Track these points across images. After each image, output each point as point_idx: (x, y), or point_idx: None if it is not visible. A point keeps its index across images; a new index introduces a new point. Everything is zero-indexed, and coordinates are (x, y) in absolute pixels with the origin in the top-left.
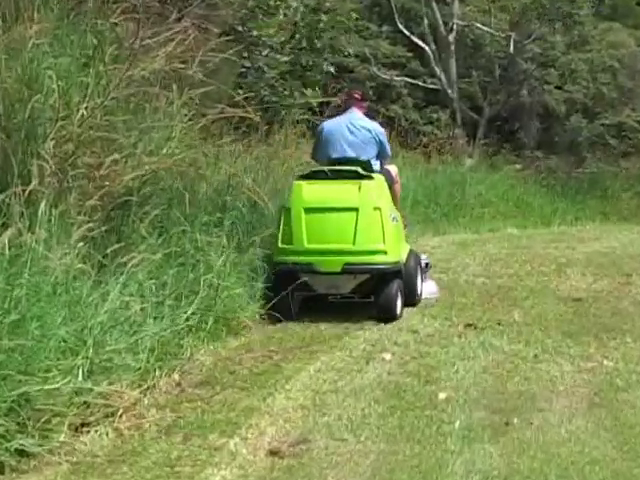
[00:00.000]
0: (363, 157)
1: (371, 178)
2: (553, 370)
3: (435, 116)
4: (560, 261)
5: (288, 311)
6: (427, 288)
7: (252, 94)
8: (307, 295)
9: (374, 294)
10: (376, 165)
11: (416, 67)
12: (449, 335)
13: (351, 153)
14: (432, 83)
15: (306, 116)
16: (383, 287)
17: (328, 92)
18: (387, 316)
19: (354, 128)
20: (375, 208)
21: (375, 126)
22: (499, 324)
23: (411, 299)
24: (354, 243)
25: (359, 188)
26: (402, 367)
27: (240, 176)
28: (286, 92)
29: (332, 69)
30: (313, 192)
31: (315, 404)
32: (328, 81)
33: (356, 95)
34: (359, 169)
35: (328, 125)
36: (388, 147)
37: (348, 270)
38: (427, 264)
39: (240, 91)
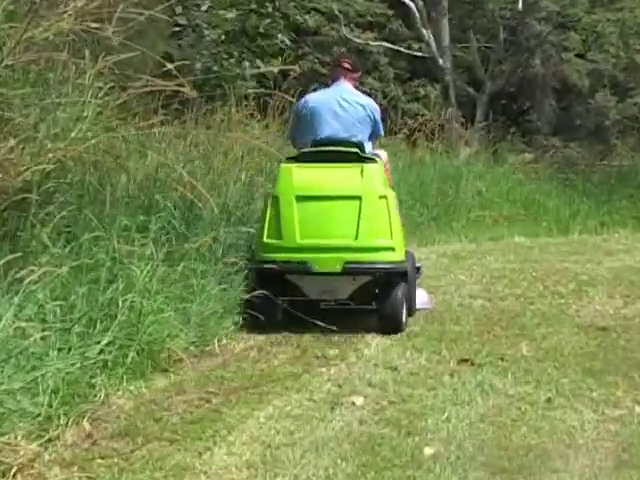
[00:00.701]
0: (356, 138)
1: (374, 161)
2: (570, 419)
3: (422, 92)
4: (581, 279)
5: (271, 318)
6: (418, 297)
7: (188, 62)
8: (293, 301)
9: (376, 300)
10: (368, 147)
11: (398, 29)
12: (438, 373)
13: (342, 133)
14: (419, 49)
15: (257, 90)
16: (388, 291)
17: (285, 60)
18: (392, 327)
19: (346, 104)
20: (381, 197)
21: (369, 102)
22: (502, 359)
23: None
24: (356, 238)
25: (361, 172)
26: (377, 414)
27: (172, 167)
28: (232, 59)
29: (287, 39)
30: (306, 177)
31: (265, 461)
32: (285, 46)
33: (345, 64)
34: (359, 150)
35: (313, 100)
36: (381, 127)
37: (349, 270)
38: (419, 268)
39: (172, 58)
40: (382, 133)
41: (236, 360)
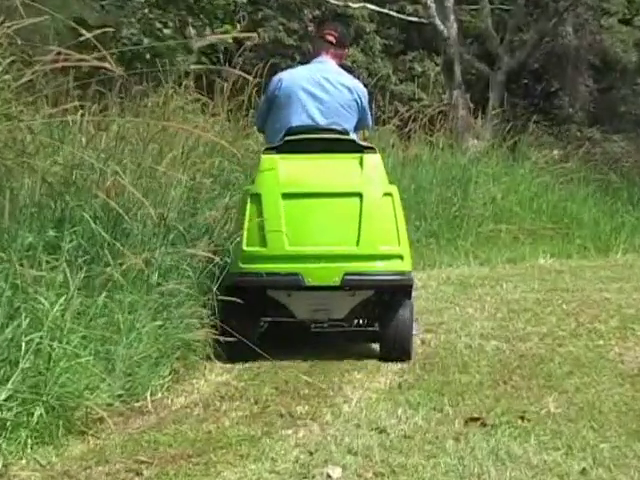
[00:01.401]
0: (340, 127)
1: (373, 150)
2: None
3: (418, 69)
4: (625, 313)
5: (246, 346)
6: None
7: (111, 29)
8: (275, 322)
9: (379, 321)
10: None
11: None
12: (439, 437)
13: (321, 120)
14: (414, 13)
15: (203, 67)
16: (394, 309)
17: (239, 26)
18: (400, 353)
19: (329, 85)
20: (386, 194)
21: (357, 84)
22: (522, 418)
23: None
24: (358, 244)
25: (361, 164)
26: None
27: (91, 167)
28: (168, 27)
29: None
30: (294, 171)
31: None
32: (239, 7)
33: (329, 37)
34: (355, 138)
35: (288, 79)
36: (370, 115)
37: (351, 283)
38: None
39: (90, 24)
40: (370, 123)
41: (175, 420)
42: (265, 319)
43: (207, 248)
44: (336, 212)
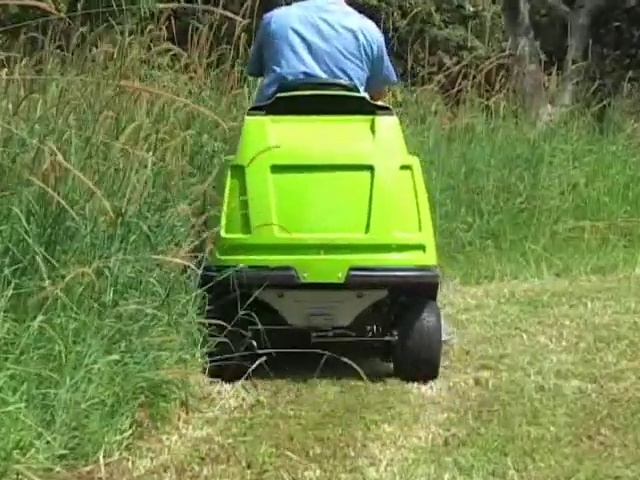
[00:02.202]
0: (343, 80)
1: (389, 111)
2: None
3: (471, 7)
4: None
5: (232, 368)
6: None
7: None
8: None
9: (398, 329)
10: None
11: None
12: None
13: (317, 70)
14: None
15: (172, 5)
16: (416, 314)
17: None
18: (424, 372)
19: (328, 27)
20: (404, 167)
21: (367, 26)
22: None
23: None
24: (367, 230)
25: (372, 128)
26: None
27: (23, 143)
28: None
29: None
30: (286, 136)
31: None
32: None
33: None
34: (366, 95)
35: (278, 19)
36: (391, 66)
37: (357, 281)
38: None
39: None
40: (394, 78)
41: None
42: (252, 327)
43: (181, 253)
44: (340, 190)
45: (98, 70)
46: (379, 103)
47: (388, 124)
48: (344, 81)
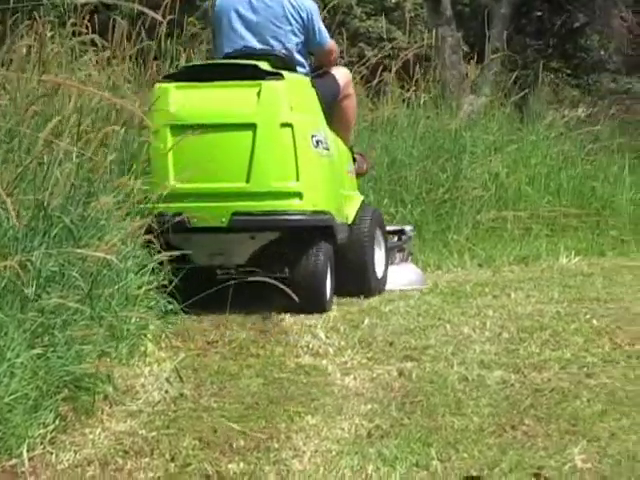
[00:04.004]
0: (277, 49)
1: (280, 77)
2: None
3: (390, 1)
4: None
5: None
6: (405, 274)
7: None
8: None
9: (288, 267)
10: (302, 65)
11: None
12: None
13: (254, 42)
14: None
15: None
16: (302, 254)
17: None
18: (310, 303)
19: (259, 3)
20: (284, 124)
21: None
22: (539, 476)
23: (361, 283)
24: (248, 180)
25: (258, 93)
26: None
27: None
28: None
29: None
30: (186, 101)
31: None
32: None
33: None
34: (262, 63)
35: (220, 2)
36: (323, 32)
37: (239, 224)
38: (400, 232)
39: None
40: (327, 41)
41: None
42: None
43: (104, 247)
44: (227, 146)
45: (17, 62)
46: (271, 70)
47: (274, 87)
48: (278, 51)
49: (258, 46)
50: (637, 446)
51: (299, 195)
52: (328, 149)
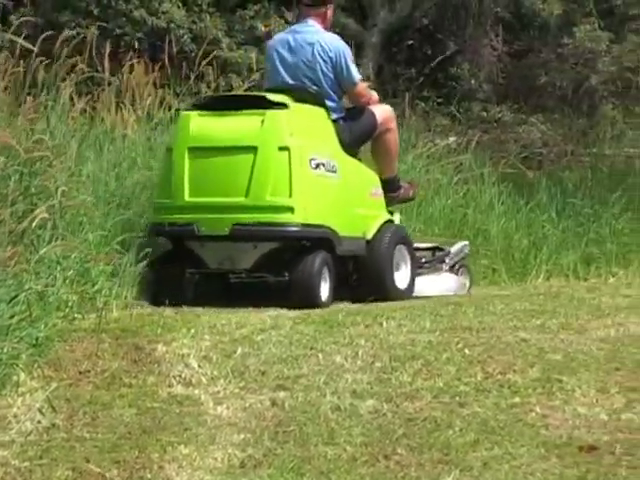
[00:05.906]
0: (307, 84)
1: (284, 107)
2: None
3: (263, 28)
4: (550, 360)
5: (177, 294)
6: (442, 283)
7: None
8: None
9: (288, 270)
10: (332, 100)
11: None
12: None
13: (287, 78)
14: None
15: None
16: (298, 259)
17: None
18: (304, 300)
19: (295, 44)
20: (282, 148)
21: (327, 40)
22: None
23: (380, 292)
24: (247, 195)
25: (262, 120)
26: None
27: None
28: None
29: None
30: (203, 126)
31: None
32: None
33: None
34: (270, 95)
35: (269, 43)
36: (352, 72)
37: (238, 233)
38: (442, 250)
39: None
40: (356, 81)
41: None
42: (190, 270)
43: None
44: (232, 165)
45: None
46: (278, 100)
47: (275, 116)
48: (309, 86)
49: (291, 82)
50: (509, 476)
51: (291, 209)
52: (334, 172)
